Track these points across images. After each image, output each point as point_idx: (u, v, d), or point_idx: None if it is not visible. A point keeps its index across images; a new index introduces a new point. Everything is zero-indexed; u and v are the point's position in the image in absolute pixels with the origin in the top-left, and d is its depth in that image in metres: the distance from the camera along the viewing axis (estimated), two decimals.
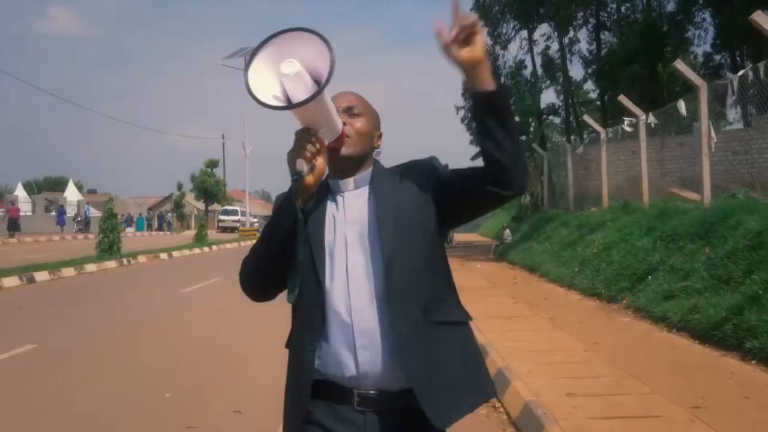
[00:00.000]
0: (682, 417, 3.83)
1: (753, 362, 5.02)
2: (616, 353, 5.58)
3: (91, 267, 15.04)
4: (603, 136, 14.00)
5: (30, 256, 17.62)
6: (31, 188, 48.38)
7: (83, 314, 9.26)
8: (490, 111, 1.43)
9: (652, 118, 11.61)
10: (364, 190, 1.60)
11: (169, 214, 49.75)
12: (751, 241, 6.59)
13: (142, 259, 18.11)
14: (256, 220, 46.64)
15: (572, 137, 23.22)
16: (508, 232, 20.22)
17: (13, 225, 28.83)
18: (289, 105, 1.39)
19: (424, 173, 1.58)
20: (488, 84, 1.42)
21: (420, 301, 1.50)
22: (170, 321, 8.55)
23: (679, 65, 9.20)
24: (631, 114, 12.51)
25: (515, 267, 14.79)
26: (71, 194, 45.89)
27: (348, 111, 1.59)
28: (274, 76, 1.42)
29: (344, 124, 1.55)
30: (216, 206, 55.06)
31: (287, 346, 1.64)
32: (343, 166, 1.58)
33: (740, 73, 8.71)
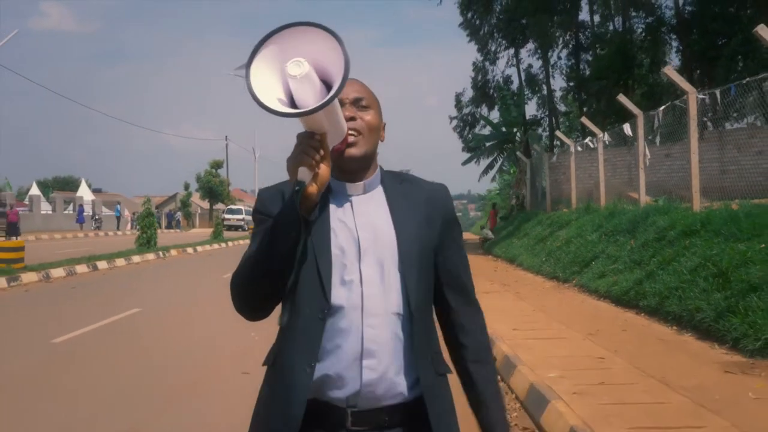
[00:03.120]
0: (578, 338, 6.34)
1: (642, 315, 7.53)
2: (555, 312, 8.09)
3: (136, 258, 17.57)
4: (572, 148, 16.49)
5: (72, 250, 20.07)
6: (46, 188, 50.64)
7: (160, 290, 11.87)
8: None
9: (607, 137, 14.08)
10: (374, 195, 1.49)
11: (179, 213, 52.06)
12: (659, 235, 9.12)
13: (173, 252, 20.64)
14: None
15: (556, 143, 25.82)
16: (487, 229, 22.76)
17: (13, 229, 25.53)
18: (300, 112, 1.23)
19: (441, 216, 1.51)
20: None
21: (429, 316, 1.47)
22: (228, 295, 11.03)
23: (622, 98, 11.70)
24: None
25: (498, 259, 17.31)
26: (84, 194, 48.25)
27: (356, 103, 1.45)
28: (278, 77, 1.28)
29: (352, 119, 1.43)
30: (220, 205, 57.63)
31: (267, 364, 1.48)
32: (353, 167, 1.45)
33: (662, 108, 11.19)
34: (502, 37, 25.87)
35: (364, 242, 1.42)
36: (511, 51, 26.77)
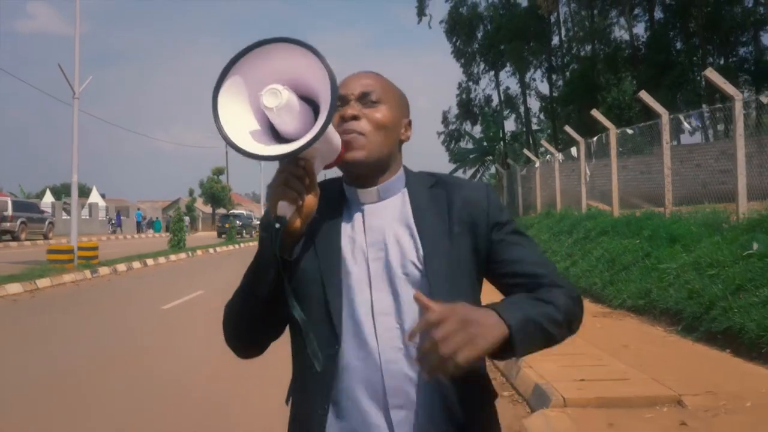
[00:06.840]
0: None
1: None
2: None
3: (172, 257, 20.78)
4: (537, 164, 19.80)
5: (110, 251, 23.16)
6: (57, 195, 53.62)
7: (210, 278, 15.10)
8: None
9: (561, 156, 17.39)
10: (391, 203, 1.25)
11: (186, 218, 55.21)
12: (585, 234, 12.43)
13: (199, 252, 23.86)
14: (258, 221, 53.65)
15: (533, 156, 29.28)
16: None
17: None
18: (282, 155, 1.04)
19: (485, 219, 1.25)
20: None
21: None
22: None
23: (567, 128, 14.99)
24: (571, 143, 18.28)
25: None
26: (96, 200, 51.27)
27: (362, 99, 1.21)
28: (250, 107, 1.09)
29: (355, 118, 1.19)
30: (221, 210, 60.97)
31: (287, 402, 1.32)
32: (359, 172, 1.22)
33: (594, 138, 14.49)
34: (484, 60, 29.30)
35: (373, 264, 1.20)
36: (492, 73, 30.26)
